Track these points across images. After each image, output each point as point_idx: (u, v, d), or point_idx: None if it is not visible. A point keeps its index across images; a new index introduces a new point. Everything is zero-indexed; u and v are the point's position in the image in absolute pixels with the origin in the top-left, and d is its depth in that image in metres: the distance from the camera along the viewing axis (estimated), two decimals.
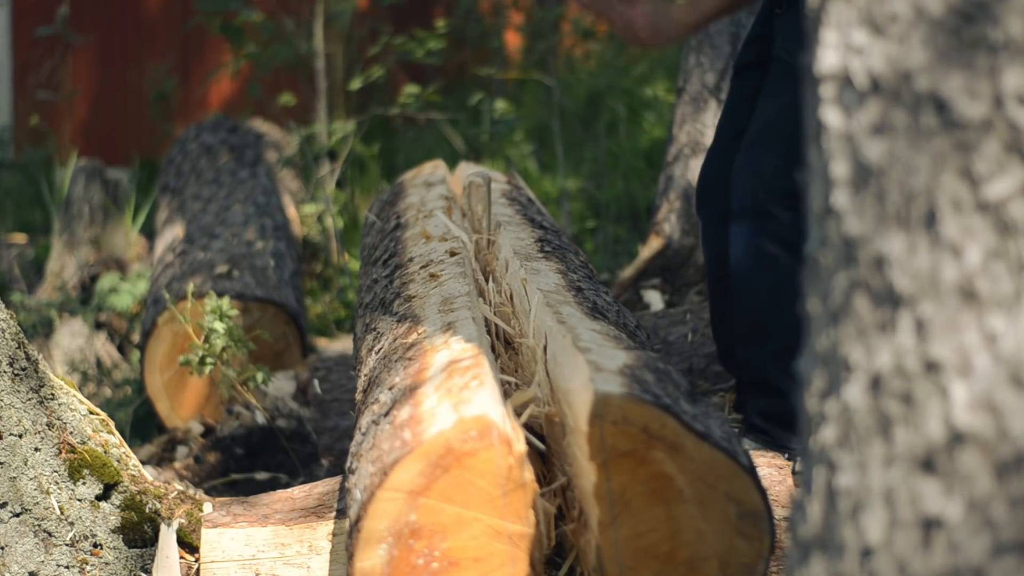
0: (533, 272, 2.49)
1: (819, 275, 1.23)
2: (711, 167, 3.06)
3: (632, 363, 1.90)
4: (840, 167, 1.19)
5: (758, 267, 2.74)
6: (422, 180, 3.60)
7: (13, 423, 2.37)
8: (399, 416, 1.92)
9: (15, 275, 5.69)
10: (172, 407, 4.21)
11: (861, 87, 1.18)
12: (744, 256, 2.78)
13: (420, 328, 2.29)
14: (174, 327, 4.11)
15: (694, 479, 1.81)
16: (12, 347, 2.43)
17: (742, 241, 2.78)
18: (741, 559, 1.84)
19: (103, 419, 2.63)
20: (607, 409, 1.77)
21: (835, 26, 1.20)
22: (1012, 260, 1.11)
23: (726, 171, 2.91)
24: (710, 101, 4.42)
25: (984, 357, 1.10)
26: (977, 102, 1.13)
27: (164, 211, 5.51)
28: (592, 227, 5.70)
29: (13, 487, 2.34)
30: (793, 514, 1.24)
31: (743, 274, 2.79)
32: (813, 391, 1.22)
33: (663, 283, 4.37)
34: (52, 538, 2.37)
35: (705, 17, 2.90)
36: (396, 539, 1.81)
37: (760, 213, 2.73)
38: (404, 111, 6.03)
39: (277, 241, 4.80)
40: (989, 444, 1.09)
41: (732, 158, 2.90)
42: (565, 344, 1.99)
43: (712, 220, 3.03)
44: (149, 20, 8.14)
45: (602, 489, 1.79)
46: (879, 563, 1.12)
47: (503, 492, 1.82)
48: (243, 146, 5.73)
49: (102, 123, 8.10)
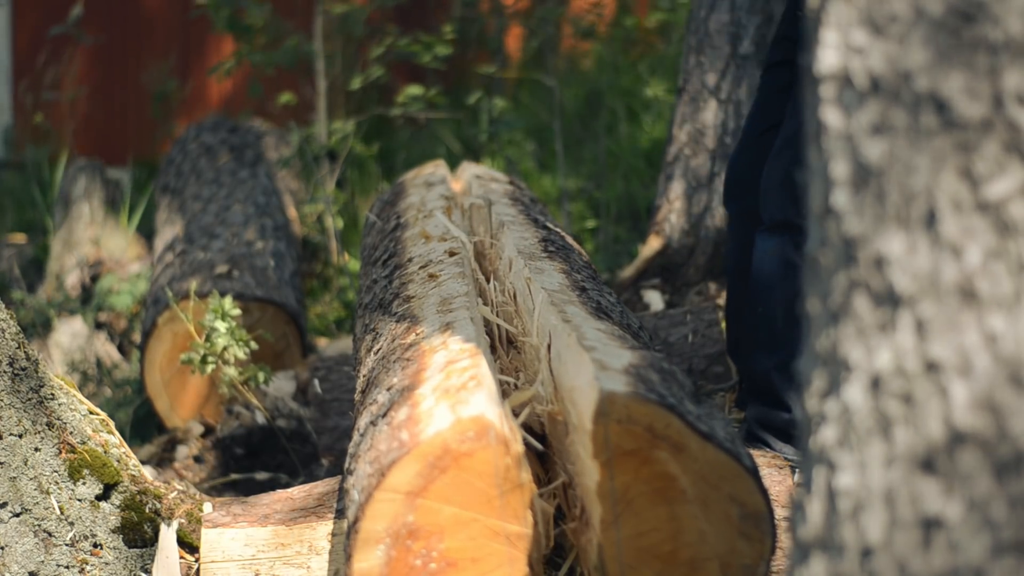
0: (537, 271, 2.49)
1: (819, 275, 1.23)
2: (738, 162, 3.09)
3: (637, 362, 1.90)
4: (840, 167, 1.19)
5: (781, 275, 2.74)
6: (423, 180, 3.60)
7: (13, 423, 2.37)
8: (397, 417, 1.92)
9: (15, 275, 5.69)
10: (172, 407, 4.20)
11: (861, 87, 1.18)
12: (768, 263, 2.78)
13: (418, 328, 2.29)
14: (174, 327, 4.11)
15: (697, 479, 1.81)
16: (12, 347, 2.43)
17: (769, 248, 2.78)
18: (742, 560, 1.84)
19: (103, 419, 2.63)
20: (612, 408, 1.77)
21: (835, 26, 1.20)
22: (1012, 260, 1.11)
23: (752, 166, 2.93)
24: (710, 101, 4.42)
25: (984, 357, 1.10)
26: (977, 102, 1.12)
27: (164, 211, 5.51)
28: (592, 227, 5.70)
29: (13, 487, 2.34)
30: (793, 514, 1.24)
31: (764, 280, 2.79)
32: (813, 391, 1.22)
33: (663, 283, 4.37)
34: (52, 538, 2.37)
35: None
36: (394, 540, 1.81)
37: (792, 225, 2.73)
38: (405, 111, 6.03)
39: (277, 241, 4.80)
40: (989, 444, 1.09)
41: (759, 154, 2.92)
42: (570, 343, 1.99)
43: (738, 214, 3.06)
44: (149, 20, 8.14)
45: (605, 488, 1.79)
46: (879, 563, 1.12)
47: (501, 492, 1.82)
48: (243, 146, 5.73)
49: (102, 123, 8.10)
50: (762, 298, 2.79)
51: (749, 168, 2.98)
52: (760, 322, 2.80)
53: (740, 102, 4.39)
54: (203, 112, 7.66)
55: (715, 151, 4.41)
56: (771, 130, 2.91)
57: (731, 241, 3.15)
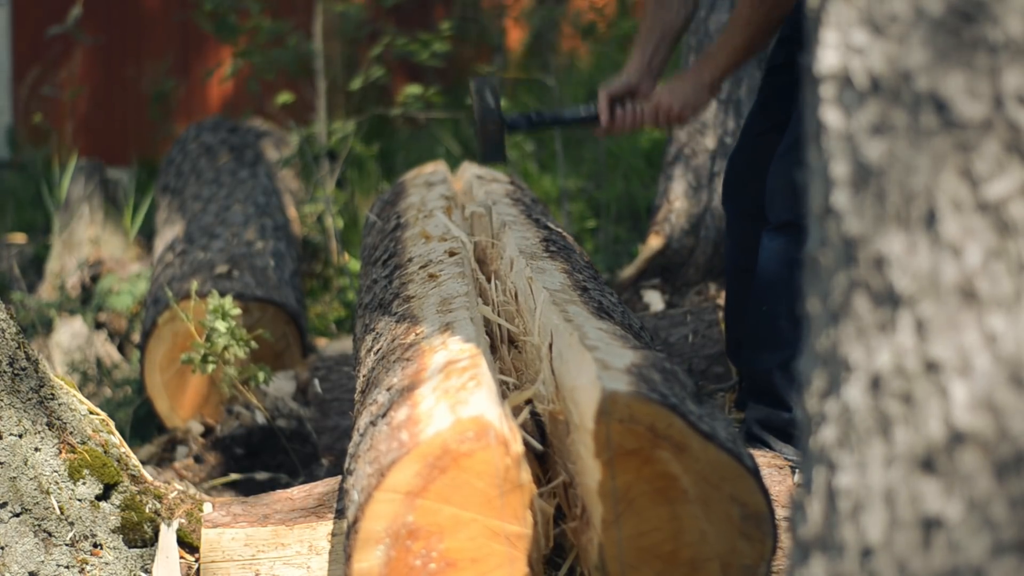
0: (539, 271, 2.49)
1: (819, 275, 1.23)
2: (737, 162, 3.10)
3: (639, 362, 1.90)
4: (840, 167, 1.19)
5: (786, 275, 2.74)
6: (423, 180, 3.60)
7: (13, 423, 2.37)
8: (396, 417, 1.92)
9: (15, 275, 5.69)
10: (172, 407, 4.20)
11: (861, 87, 1.18)
12: (774, 263, 2.78)
13: (418, 328, 2.29)
14: (174, 327, 4.11)
15: (699, 479, 1.81)
16: (12, 347, 2.43)
17: (775, 248, 2.78)
18: (743, 560, 1.84)
19: (103, 419, 2.63)
20: (614, 407, 1.77)
21: (835, 26, 1.20)
22: (1012, 260, 1.11)
23: (751, 167, 2.94)
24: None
25: (984, 357, 1.10)
26: (977, 102, 1.12)
27: (164, 211, 5.51)
28: (592, 227, 5.70)
29: (13, 487, 2.34)
30: (793, 514, 1.24)
31: (769, 280, 2.79)
32: (813, 391, 1.22)
33: (663, 283, 4.37)
34: (52, 538, 2.37)
35: (724, 70, 2.95)
36: (393, 540, 1.81)
37: (798, 225, 2.73)
38: (405, 111, 6.03)
39: (277, 241, 4.80)
40: (989, 444, 1.09)
41: (758, 154, 2.93)
42: (572, 342, 1.99)
43: (736, 214, 3.07)
44: (149, 19, 8.14)
45: (606, 487, 1.79)
46: (879, 563, 1.12)
47: (500, 493, 1.82)
48: (243, 146, 5.74)
49: (102, 123, 8.10)
50: (767, 297, 2.79)
51: (748, 168, 2.99)
52: (763, 321, 2.80)
53: (740, 102, 4.39)
54: (203, 112, 7.66)
55: (715, 151, 4.41)
56: (771, 131, 2.92)
57: (728, 240, 3.15)
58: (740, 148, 3.11)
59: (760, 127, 3.02)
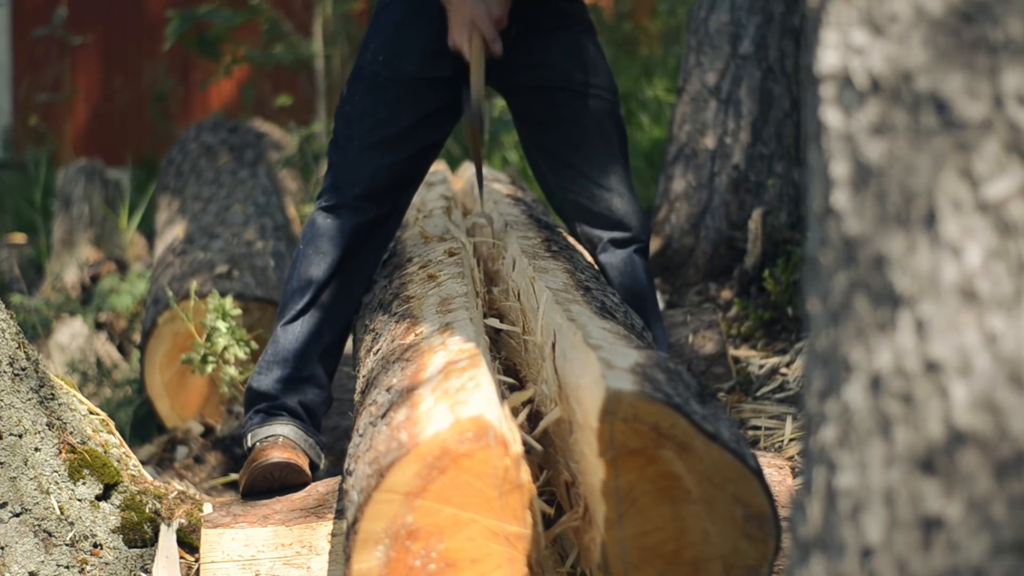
0: (541, 271, 2.49)
1: (819, 275, 1.23)
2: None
3: (643, 362, 1.90)
4: (840, 167, 1.19)
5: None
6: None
7: (13, 423, 2.37)
8: (396, 417, 1.92)
9: (15, 275, 5.69)
10: (172, 407, 4.20)
11: (861, 87, 1.18)
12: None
13: (418, 329, 2.29)
14: (174, 327, 4.11)
15: (702, 479, 1.81)
16: (12, 347, 2.43)
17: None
18: (745, 561, 1.84)
19: (103, 419, 2.63)
20: (618, 406, 1.77)
21: (835, 26, 1.20)
22: (1012, 260, 1.11)
23: None
24: (710, 101, 4.41)
25: (984, 357, 1.10)
26: (977, 102, 1.12)
27: (164, 211, 5.51)
28: None
29: (13, 487, 2.34)
30: (793, 514, 1.24)
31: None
32: (813, 391, 1.22)
33: (663, 283, 4.37)
34: (52, 538, 2.37)
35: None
36: (393, 540, 1.81)
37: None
38: None
39: (277, 241, 4.80)
40: (989, 444, 1.09)
41: None
42: (576, 341, 1.99)
43: None
44: (149, 20, 8.14)
45: (610, 486, 1.79)
46: (879, 563, 1.12)
47: (500, 493, 1.82)
48: (243, 146, 5.74)
49: (102, 123, 8.10)
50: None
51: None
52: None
53: (740, 102, 4.39)
54: (203, 113, 7.66)
55: (715, 151, 4.40)
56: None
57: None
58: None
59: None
